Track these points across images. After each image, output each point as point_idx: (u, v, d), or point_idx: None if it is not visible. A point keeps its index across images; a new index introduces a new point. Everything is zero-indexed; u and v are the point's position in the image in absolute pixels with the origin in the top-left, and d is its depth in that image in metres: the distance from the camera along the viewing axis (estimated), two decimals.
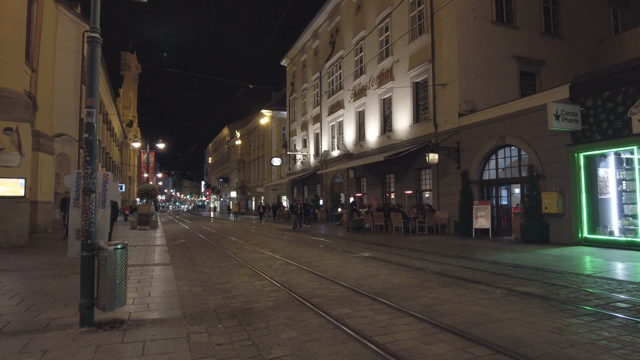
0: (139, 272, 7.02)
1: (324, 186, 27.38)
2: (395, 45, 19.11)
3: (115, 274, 3.73)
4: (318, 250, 10.38)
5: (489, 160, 14.27)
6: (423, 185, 17.65)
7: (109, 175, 4.16)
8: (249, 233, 17.49)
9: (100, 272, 3.73)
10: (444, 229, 15.51)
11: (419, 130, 17.36)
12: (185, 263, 8.38)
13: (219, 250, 10.72)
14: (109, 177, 4.15)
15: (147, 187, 28.40)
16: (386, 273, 6.72)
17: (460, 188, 14.44)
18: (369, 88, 21.43)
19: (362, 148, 21.81)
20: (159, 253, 9.99)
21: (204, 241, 13.83)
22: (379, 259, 8.55)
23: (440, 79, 16.02)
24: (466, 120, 14.82)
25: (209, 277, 6.73)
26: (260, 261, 8.45)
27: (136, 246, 11.70)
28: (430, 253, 9.65)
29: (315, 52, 29.38)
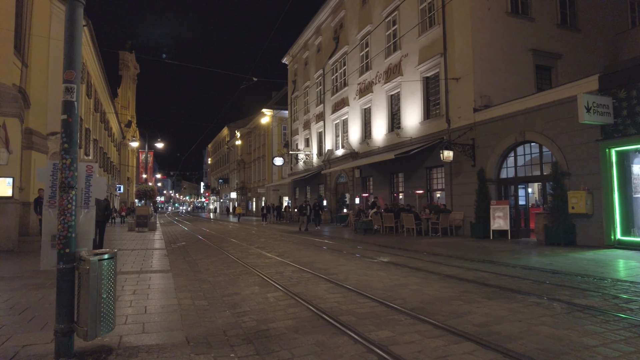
0: (134, 281, 6.21)
1: (327, 186, 26.59)
2: (403, 39, 18.34)
3: (101, 292, 2.93)
4: (330, 254, 9.58)
5: (507, 157, 13.49)
6: (435, 185, 16.86)
7: (93, 168, 3.37)
8: (252, 235, 16.69)
9: (82, 289, 2.93)
10: (458, 231, 14.73)
11: (430, 127, 16.58)
12: (186, 270, 7.57)
13: (222, 255, 9.91)
14: (93, 169, 3.36)
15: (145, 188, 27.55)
16: (415, 282, 5.92)
17: (477, 187, 13.66)
18: (376, 84, 20.65)
19: (368, 146, 21.02)
20: (158, 258, 9.19)
21: (205, 244, 13.02)
22: (401, 264, 7.75)
23: (453, 73, 15.25)
24: (482, 116, 14.04)
25: (213, 287, 5.92)
26: (269, 267, 7.65)
27: (133, 250, 10.89)
28: (452, 257, 8.86)
29: (318, 48, 28.61)
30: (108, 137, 37.82)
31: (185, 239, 15.58)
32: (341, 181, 25.31)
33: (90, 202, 3.26)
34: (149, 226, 20.74)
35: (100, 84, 30.58)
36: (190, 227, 25.27)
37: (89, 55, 24.48)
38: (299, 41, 31.77)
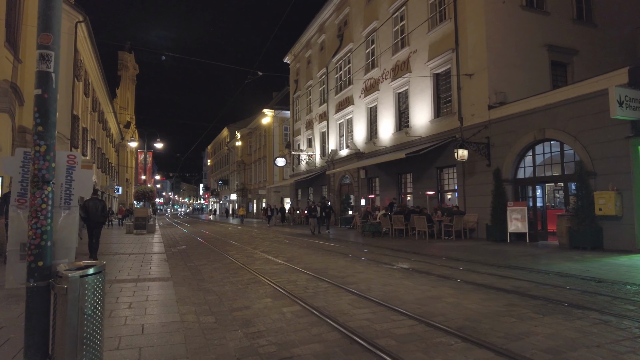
0: (130, 292, 5.52)
1: (331, 187, 25.91)
2: (412, 35, 17.71)
3: (83, 318, 2.24)
4: (343, 259, 8.89)
5: (524, 156, 12.84)
6: (446, 186, 16.19)
7: (76, 158, 2.68)
8: (256, 238, 15.99)
9: (58, 314, 2.25)
10: (472, 233, 14.05)
11: (441, 126, 15.92)
12: (188, 277, 6.88)
13: (226, 260, 9.21)
14: (76, 160, 2.68)
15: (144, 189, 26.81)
16: (449, 294, 5.23)
17: (492, 188, 13.00)
18: (382, 82, 20.00)
19: (374, 146, 20.35)
20: (157, 263, 8.49)
21: (207, 248, 12.32)
22: (424, 272, 7.06)
23: (466, 69, 14.60)
24: (497, 113, 13.39)
25: (220, 298, 5.23)
26: (280, 275, 6.96)
27: (130, 254, 10.19)
28: (476, 262, 8.17)
29: (321, 47, 27.97)
30: (107, 138, 37.10)
31: (186, 242, 14.88)
32: (345, 182, 24.64)
33: (72, 201, 2.58)
34: (148, 228, 20.04)
35: (99, 82, 29.90)
36: (190, 229, 24.55)
37: (86, 53, 23.80)
38: (301, 40, 31.14)
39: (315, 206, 17.22)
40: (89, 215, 9.11)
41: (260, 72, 13.33)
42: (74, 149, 20.96)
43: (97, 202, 9.56)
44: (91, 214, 9.13)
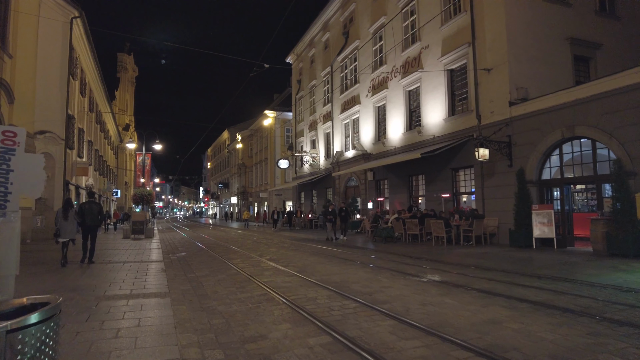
0: (120, 313, 4.59)
1: (336, 190, 24.98)
2: (423, 30, 16.86)
3: None
4: (363, 270, 7.94)
5: (550, 156, 11.94)
6: (462, 188, 15.27)
7: (17, 136, 1.75)
8: (261, 244, 15.05)
9: None
10: (493, 238, 13.13)
11: (456, 124, 15.03)
12: (189, 292, 5.95)
13: (230, 270, 8.27)
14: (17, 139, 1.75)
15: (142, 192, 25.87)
16: (507, 316, 4.30)
17: (516, 190, 12.09)
18: (391, 79, 19.13)
19: (383, 147, 19.45)
20: (153, 274, 7.56)
21: (208, 255, 11.38)
22: (461, 285, 6.14)
23: (484, 63, 13.73)
24: (519, 110, 12.50)
25: (227, 323, 4.31)
26: (295, 290, 6.03)
27: (125, 263, 9.26)
28: (513, 273, 7.25)
29: (325, 45, 27.14)
30: (104, 140, 36.20)
31: (186, 248, 13.94)
32: (351, 184, 23.72)
33: (11, 201, 1.65)
34: (146, 233, 19.11)
35: (96, 82, 29.03)
36: (189, 233, 23.60)
37: (82, 50, 22.94)
38: (305, 38, 30.31)
39: (333, 209, 15.67)
40: (84, 218, 8.77)
41: (266, 65, 12.45)
42: (69, 150, 20.06)
43: (93, 205, 9.12)
44: (87, 218, 8.78)
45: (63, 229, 8.62)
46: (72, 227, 8.77)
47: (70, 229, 8.72)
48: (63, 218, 8.66)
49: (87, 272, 7.83)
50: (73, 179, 21.39)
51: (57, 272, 7.93)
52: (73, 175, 21.34)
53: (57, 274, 7.70)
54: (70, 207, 8.86)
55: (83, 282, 6.69)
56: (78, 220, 8.82)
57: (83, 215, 8.81)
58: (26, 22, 16.88)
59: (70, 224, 8.71)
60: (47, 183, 18.08)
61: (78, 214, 8.85)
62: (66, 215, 8.68)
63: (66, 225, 8.67)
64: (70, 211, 8.80)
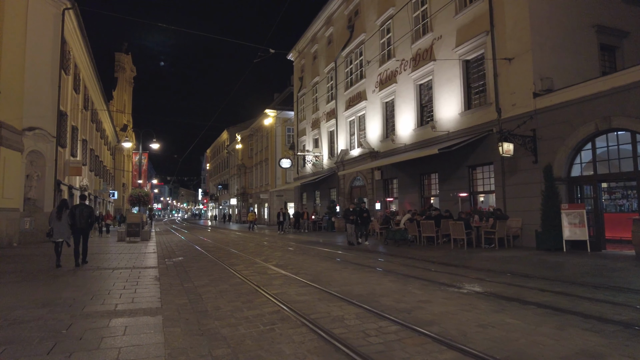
0: (96, 339, 3.58)
1: (340, 190, 23.99)
2: (436, 20, 15.91)
3: None
4: (387, 278, 6.90)
5: (581, 150, 10.96)
6: (480, 186, 14.28)
7: None
8: (264, 247, 14.03)
9: None
10: (516, 240, 12.15)
11: (473, 119, 14.06)
12: (185, 308, 4.94)
13: (234, 278, 7.25)
14: None
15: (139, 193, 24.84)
16: (605, 345, 3.30)
17: (543, 188, 11.11)
18: (401, 73, 18.16)
19: (392, 144, 18.45)
20: (145, 283, 6.55)
21: (208, 260, 10.36)
22: (513, 298, 5.13)
23: (504, 53, 12.77)
24: (545, 102, 11.52)
25: (235, 354, 3.30)
26: (315, 305, 5.02)
27: (115, 269, 8.25)
28: (560, 282, 6.25)
29: (328, 40, 26.17)
30: (101, 140, 35.14)
31: (183, 251, 12.91)
32: (357, 184, 22.73)
33: None
34: (142, 236, 18.11)
35: (91, 80, 28.00)
36: (188, 236, 22.57)
37: (75, 44, 21.92)
38: (307, 34, 29.36)
39: (354, 209, 13.67)
40: (75, 221, 8.84)
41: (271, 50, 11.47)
42: (61, 148, 19.04)
43: (84, 208, 9.18)
44: (77, 221, 8.86)
45: (57, 229, 8.69)
46: (66, 228, 8.81)
47: (64, 229, 8.77)
48: (57, 218, 8.73)
49: (70, 281, 6.82)
50: (66, 178, 20.35)
51: (36, 280, 6.92)
52: (66, 175, 20.30)
53: (35, 282, 6.69)
54: (65, 208, 8.94)
55: (62, 294, 5.68)
56: (69, 223, 8.85)
57: (74, 218, 8.86)
58: (13, 12, 15.88)
59: (64, 225, 8.77)
60: (37, 183, 17.04)
61: (69, 217, 8.88)
62: (60, 216, 8.75)
63: (60, 225, 8.72)
64: (65, 212, 8.86)
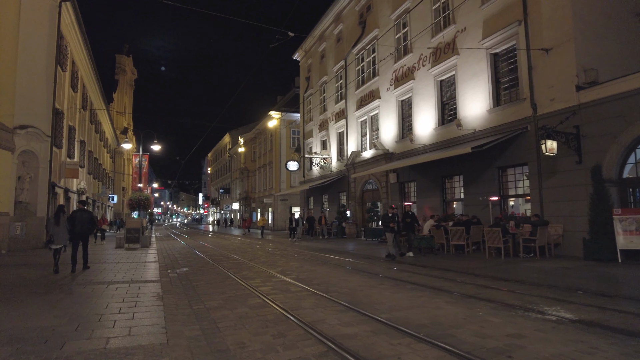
0: None
1: (351, 194, 22.80)
2: (458, 11, 14.81)
3: None
4: (444, 301, 5.63)
5: (635, 149, 9.79)
6: (510, 189, 13.10)
7: None
8: (276, 256, 12.82)
9: None
10: (557, 249, 10.94)
11: (503, 116, 12.90)
12: (199, 344, 3.74)
13: (252, 298, 6.05)
14: None
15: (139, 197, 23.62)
16: None
17: (591, 191, 9.93)
18: (419, 69, 17.04)
19: (410, 144, 17.28)
20: (146, 305, 5.35)
21: (216, 272, 9.16)
22: (622, 330, 3.94)
23: (540, 43, 11.63)
24: (591, 95, 10.37)
25: None
26: (373, 343, 3.81)
27: (111, 283, 7.05)
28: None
29: (338, 38, 25.11)
30: (100, 142, 34.04)
31: (188, 260, 11.71)
32: (369, 188, 21.54)
33: None
34: (142, 242, 16.92)
35: (90, 79, 26.93)
36: (190, 242, 21.35)
37: (73, 39, 20.83)
38: (314, 33, 28.30)
39: (394, 213, 11.56)
40: (74, 226, 8.81)
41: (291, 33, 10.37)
42: (56, 149, 17.89)
43: (84, 213, 9.14)
44: (77, 226, 8.83)
45: (56, 235, 8.65)
46: (64, 234, 8.78)
47: (63, 235, 8.74)
48: (55, 224, 8.72)
49: (54, 300, 5.62)
50: (62, 181, 19.18)
51: (14, 299, 5.73)
52: (62, 177, 19.13)
53: (12, 302, 5.50)
54: (62, 213, 8.86)
55: (40, 321, 4.49)
56: (68, 228, 8.81)
57: (74, 223, 8.82)
58: (5, 1, 14.81)
59: (62, 230, 8.74)
60: (30, 185, 15.85)
61: (69, 222, 8.85)
62: (58, 221, 8.71)
63: (59, 231, 8.69)
64: (62, 217, 8.79)
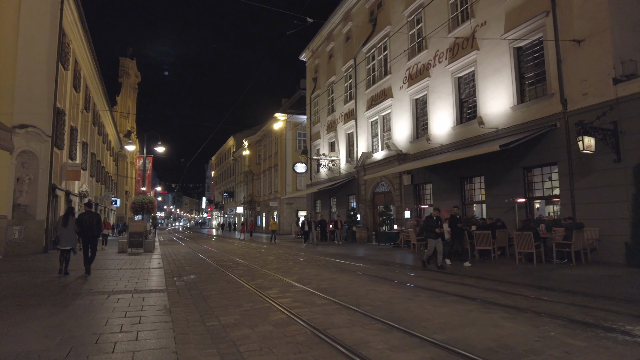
0: None
1: (361, 197, 22.02)
2: (478, 4, 14.11)
3: None
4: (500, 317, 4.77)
5: None
6: (536, 191, 12.32)
7: None
8: (288, 262, 12.06)
9: None
10: (593, 254, 10.13)
11: (529, 113, 12.14)
12: None
13: (274, 312, 5.29)
14: None
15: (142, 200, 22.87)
16: None
17: (633, 191, 9.14)
18: (435, 66, 16.32)
19: (426, 144, 16.52)
20: (152, 320, 4.61)
21: (227, 279, 8.40)
22: None
23: (571, 34, 10.89)
24: (631, 88, 9.60)
25: None
26: None
27: (112, 293, 6.32)
28: None
29: (347, 37, 24.45)
30: (103, 145, 33.45)
31: (195, 267, 10.96)
32: (381, 190, 20.76)
33: None
34: (145, 247, 16.20)
35: (93, 79, 26.36)
36: (195, 246, 20.61)
37: (76, 37, 20.25)
38: (322, 32, 27.67)
39: (438, 216, 10.00)
40: (83, 229, 8.77)
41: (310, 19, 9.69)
42: (57, 150, 17.23)
43: (92, 215, 9.06)
44: (85, 228, 8.78)
45: (63, 237, 8.62)
46: (72, 236, 8.73)
47: (70, 237, 8.70)
48: (62, 225, 8.67)
49: (46, 314, 4.89)
50: (63, 183, 18.51)
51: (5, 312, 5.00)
52: (63, 179, 18.46)
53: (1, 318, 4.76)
54: (71, 215, 8.84)
55: (24, 343, 3.75)
56: (77, 230, 8.77)
57: (82, 225, 8.77)
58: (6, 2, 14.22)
59: (70, 232, 8.69)
60: (29, 187, 15.16)
61: (77, 225, 8.79)
62: (66, 223, 8.67)
63: (66, 232, 8.64)
64: (71, 219, 8.75)
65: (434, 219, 9.91)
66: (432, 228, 9.70)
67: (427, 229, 9.80)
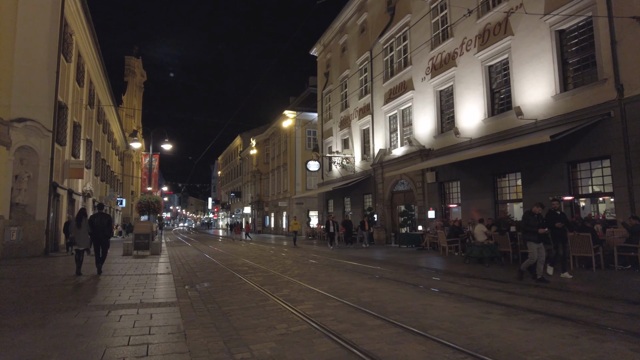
0: None
1: (378, 196, 20.87)
2: None
3: None
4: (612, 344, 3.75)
5: None
6: (583, 188, 11.11)
7: None
8: (314, 268, 10.94)
9: None
10: None
11: (574, 102, 10.94)
12: None
13: (317, 336, 4.17)
14: None
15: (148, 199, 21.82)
16: None
17: None
18: (462, 54, 15.14)
19: (453, 139, 15.33)
20: (163, 348, 3.52)
21: (247, 288, 7.30)
22: None
23: (628, 10, 9.68)
24: None
25: None
26: None
27: (113, 308, 5.24)
28: None
29: (361, 28, 23.32)
30: (108, 143, 32.58)
31: (207, 272, 9.88)
32: (400, 189, 19.59)
33: None
34: (152, 248, 15.19)
35: (98, 74, 25.42)
36: (204, 248, 19.57)
37: (79, 28, 19.28)
38: (334, 25, 26.56)
39: (539, 215, 7.86)
40: (95, 230, 8.84)
41: None
42: (59, 146, 16.25)
43: (103, 217, 9.12)
44: (97, 229, 8.86)
45: (78, 238, 8.84)
46: (86, 237, 8.85)
47: (85, 237, 8.84)
48: (77, 226, 8.84)
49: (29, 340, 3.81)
50: (65, 181, 17.55)
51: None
52: (65, 178, 17.49)
53: None
54: (83, 217, 8.96)
55: None
56: (89, 231, 8.83)
57: (94, 227, 8.84)
58: None
59: (84, 233, 8.83)
60: (28, 185, 14.17)
61: (89, 225, 8.87)
62: (79, 224, 8.84)
63: (80, 233, 8.83)
64: (84, 220, 8.88)
65: (535, 216, 7.73)
66: (535, 228, 7.51)
67: (527, 229, 7.76)
